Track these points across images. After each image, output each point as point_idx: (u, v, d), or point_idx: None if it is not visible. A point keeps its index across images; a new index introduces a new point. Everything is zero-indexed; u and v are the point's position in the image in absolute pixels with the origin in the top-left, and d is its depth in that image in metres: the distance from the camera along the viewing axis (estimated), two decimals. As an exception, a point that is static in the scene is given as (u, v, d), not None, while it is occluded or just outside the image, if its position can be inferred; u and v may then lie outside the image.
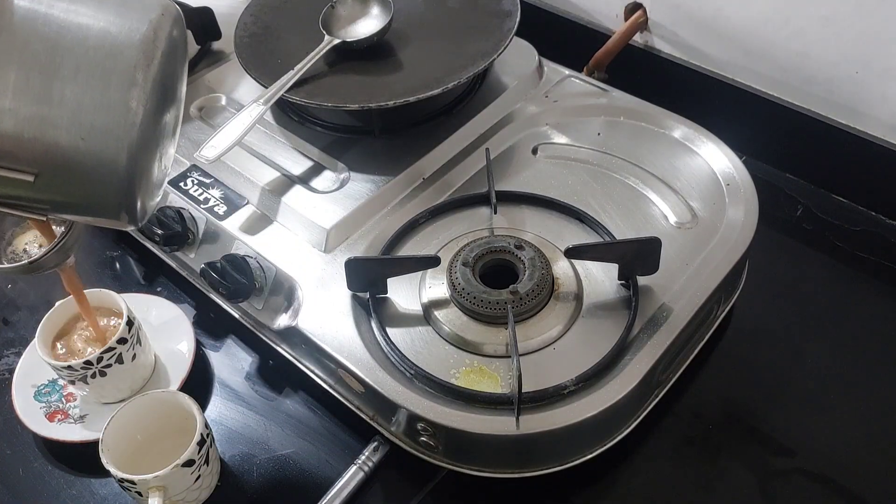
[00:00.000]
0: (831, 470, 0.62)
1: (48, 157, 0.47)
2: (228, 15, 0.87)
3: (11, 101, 0.46)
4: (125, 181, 0.49)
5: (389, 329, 0.63)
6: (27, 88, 0.46)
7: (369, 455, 0.62)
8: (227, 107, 0.84)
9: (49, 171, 0.47)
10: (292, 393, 0.70)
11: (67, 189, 0.49)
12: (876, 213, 0.80)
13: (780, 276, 0.75)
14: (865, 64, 0.77)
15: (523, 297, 0.62)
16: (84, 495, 0.64)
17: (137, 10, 0.50)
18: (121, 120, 0.47)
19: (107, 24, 0.48)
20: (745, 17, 0.83)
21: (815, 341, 0.70)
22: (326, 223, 0.69)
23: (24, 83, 0.46)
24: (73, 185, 0.49)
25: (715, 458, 0.63)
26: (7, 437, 0.68)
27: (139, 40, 0.48)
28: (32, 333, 0.66)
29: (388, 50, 0.80)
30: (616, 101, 0.81)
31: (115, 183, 0.48)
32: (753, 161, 0.80)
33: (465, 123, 0.78)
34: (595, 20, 0.96)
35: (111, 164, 0.48)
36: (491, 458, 0.60)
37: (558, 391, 0.58)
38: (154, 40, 0.49)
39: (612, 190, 0.73)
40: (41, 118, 0.46)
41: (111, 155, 0.47)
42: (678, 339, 0.62)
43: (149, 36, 0.49)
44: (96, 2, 0.50)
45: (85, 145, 0.47)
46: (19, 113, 0.46)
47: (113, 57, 0.48)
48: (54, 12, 0.48)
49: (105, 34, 0.48)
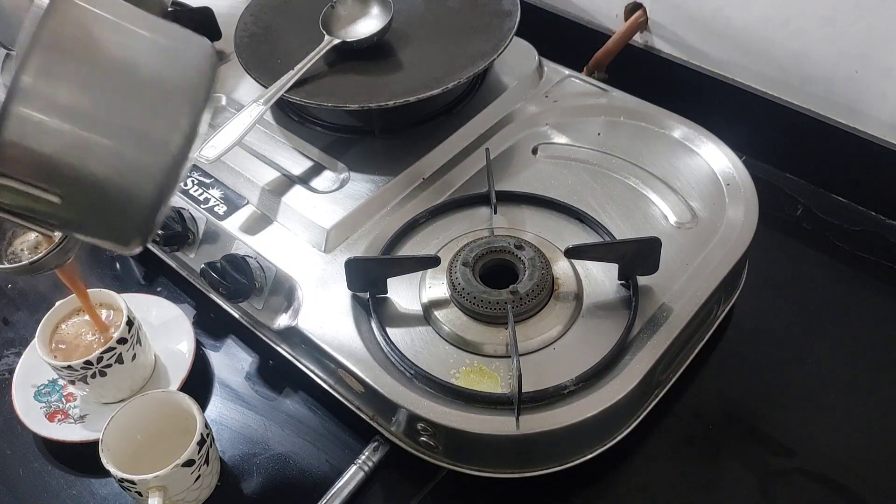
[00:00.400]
0: (831, 470, 0.62)
1: (80, 184, 0.47)
2: (228, 15, 0.87)
3: (58, 126, 0.46)
4: (147, 216, 0.49)
5: (389, 329, 0.63)
6: (76, 117, 0.46)
7: (369, 455, 0.62)
8: (227, 107, 0.84)
9: (77, 196, 0.47)
10: (292, 393, 0.70)
11: (89, 216, 0.49)
12: (876, 213, 0.80)
13: (780, 276, 0.75)
14: (865, 64, 0.77)
15: (523, 297, 0.62)
16: (84, 495, 0.64)
17: (190, 56, 0.51)
18: (158, 160, 0.48)
19: (162, 67, 0.49)
20: (745, 17, 0.83)
21: (815, 341, 0.70)
22: (326, 223, 0.69)
23: (74, 111, 0.46)
24: (97, 213, 0.49)
25: (715, 458, 0.63)
26: (7, 437, 0.68)
27: (188, 86, 0.49)
28: (32, 333, 0.66)
29: (388, 50, 0.80)
30: (616, 101, 0.81)
31: (137, 217, 0.49)
32: (753, 161, 0.80)
33: (465, 123, 0.78)
34: (595, 20, 0.96)
35: (139, 200, 0.48)
36: (491, 458, 0.60)
37: (558, 391, 0.58)
38: (200, 87, 0.50)
39: (612, 190, 0.73)
40: (84, 146, 0.47)
41: (141, 191, 0.48)
42: (678, 339, 0.62)
43: (196, 83, 0.50)
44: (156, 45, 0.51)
45: (120, 179, 0.47)
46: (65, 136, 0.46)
47: (163, 100, 0.49)
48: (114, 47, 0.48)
49: (159, 77, 0.49)
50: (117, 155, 0.47)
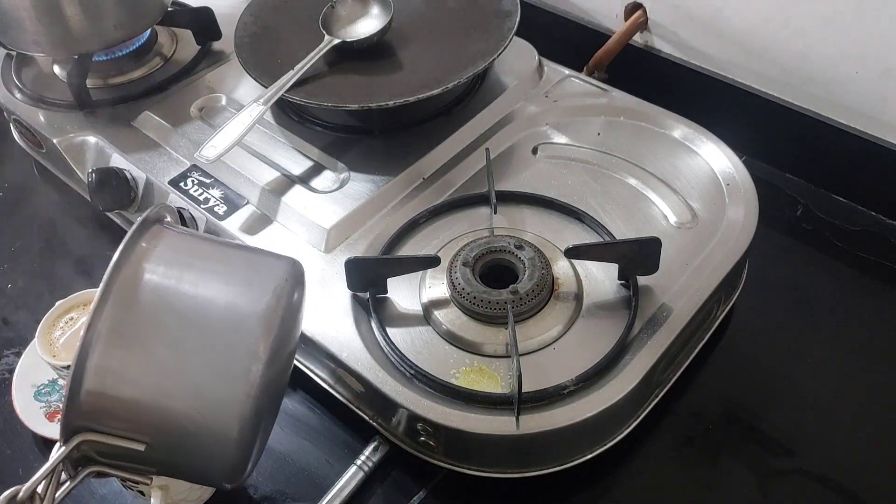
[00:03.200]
0: (831, 470, 0.62)
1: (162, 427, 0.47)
2: (228, 15, 0.87)
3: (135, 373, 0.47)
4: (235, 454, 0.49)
5: (389, 329, 0.63)
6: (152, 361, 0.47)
7: (369, 455, 0.62)
8: (227, 107, 0.84)
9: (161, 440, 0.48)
10: (292, 393, 0.69)
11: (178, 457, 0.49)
12: (876, 213, 0.80)
13: (780, 276, 0.75)
14: (865, 64, 0.77)
15: (523, 297, 0.62)
16: (84, 495, 0.64)
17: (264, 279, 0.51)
18: (238, 392, 0.47)
19: (233, 296, 0.49)
20: (746, 17, 0.83)
21: (815, 341, 0.70)
22: (326, 223, 0.69)
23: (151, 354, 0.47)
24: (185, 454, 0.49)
25: (715, 458, 0.63)
26: (7, 437, 0.68)
27: (262, 311, 0.49)
28: (32, 333, 0.66)
29: (388, 50, 0.80)
30: (616, 101, 0.81)
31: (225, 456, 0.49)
32: (753, 161, 0.80)
33: (465, 123, 0.78)
34: (595, 20, 0.96)
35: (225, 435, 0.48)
36: (491, 458, 0.60)
37: (558, 391, 0.58)
38: (276, 308, 0.50)
39: (612, 190, 0.73)
40: (161, 389, 0.47)
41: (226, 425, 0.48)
42: (678, 339, 0.62)
43: (272, 305, 0.49)
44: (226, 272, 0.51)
45: (200, 417, 0.47)
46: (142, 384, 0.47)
47: (236, 330, 0.48)
48: (183, 286, 0.49)
49: (231, 306, 0.49)
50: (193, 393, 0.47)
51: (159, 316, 0.48)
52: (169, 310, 0.48)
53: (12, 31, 0.81)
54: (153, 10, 0.85)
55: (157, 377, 0.47)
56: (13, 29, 0.81)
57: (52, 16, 0.79)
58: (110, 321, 0.47)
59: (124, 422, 0.47)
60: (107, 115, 0.84)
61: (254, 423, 0.49)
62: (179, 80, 0.87)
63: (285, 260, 0.54)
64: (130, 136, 0.81)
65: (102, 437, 0.47)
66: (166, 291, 0.49)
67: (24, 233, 0.85)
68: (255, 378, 0.48)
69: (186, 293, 0.49)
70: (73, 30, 0.80)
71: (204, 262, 0.52)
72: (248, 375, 0.47)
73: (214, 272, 0.51)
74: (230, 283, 0.50)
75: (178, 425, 0.47)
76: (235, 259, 0.53)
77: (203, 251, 0.53)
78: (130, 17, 0.83)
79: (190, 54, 0.90)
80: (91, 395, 0.46)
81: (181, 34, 0.94)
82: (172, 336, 0.48)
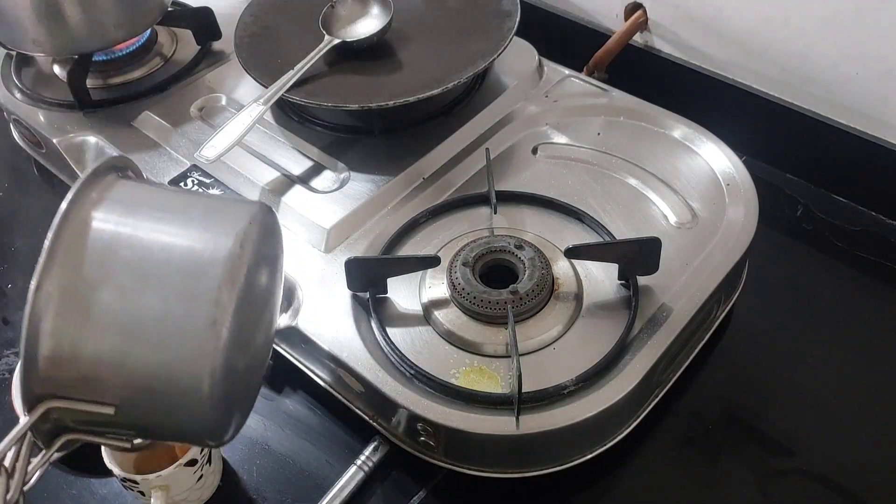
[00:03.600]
0: (831, 470, 0.62)
1: (128, 387, 0.45)
2: (228, 15, 0.87)
3: (93, 333, 0.44)
4: (210, 410, 0.46)
5: (389, 329, 0.63)
6: (110, 317, 0.44)
7: (369, 455, 0.62)
8: (227, 107, 0.84)
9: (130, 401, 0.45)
10: (292, 393, 0.69)
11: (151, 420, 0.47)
12: (876, 213, 0.80)
13: (780, 276, 0.75)
14: (865, 64, 0.77)
15: (523, 297, 0.62)
16: (84, 495, 0.64)
17: (224, 223, 0.47)
18: (204, 345, 0.44)
19: (192, 243, 0.46)
20: (746, 17, 0.83)
21: (815, 341, 0.70)
22: (326, 223, 0.69)
23: (107, 311, 0.44)
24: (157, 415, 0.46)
25: (715, 458, 0.63)
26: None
27: (225, 257, 0.46)
28: (32, 333, 0.66)
29: (388, 50, 0.80)
30: (616, 101, 0.81)
31: (199, 413, 0.46)
32: (753, 161, 0.80)
33: (465, 123, 0.78)
34: (595, 20, 0.96)
35: (194, 394, 0.45)
36: (491, 458, 0.60)
37: (558, 391, 0.58)
38: (240, 254, 0.46)
39: (612, 190, 0.73)
40: (122, 348, 0.44)
41: (193, 384, 0.45)
42: (678, 339, 0.62)
43: (234, 251, 0.46)
44: (183, 218, 0.48)
45: (166, 374, 0.44)
46: (101, 344, 0.44)
47: (197, 279, 0.45)
48: (139, 234, 0.46)
49: (189, 253, 0.46)
50: (156, 348, 0.44)
51: (113, 270, 0.45)
52: (123, 263, 0.45)
53: (12, 31, 0.81)
54: (153, 10, 0.85)
55: (116, 336, 0.44)
56: (13, 29, 0.81)
57: (52, 16, 0.79)
58: (60, 280, 0.44)
59: (88, 385, 0.44)
60: (107, 115, 0.84)
61: (227, 377, 0.46)
62: (179, 80, 0.87)
63: (251, 203, 0.50)
64: (130, 136, 0.81)
65: (68, 404, 0.45)
66: (119, 244, 0.45)
67: (24, 233, 0.85)
68: (222, 329, 0.44)
69: (141, 244, 0.46)
70: (73, 30, 0.80)
71: (161, 212, 0.48)
72: (213, 327, 0.44)
73: (172, 221, 0.47)
74: (189, 230, 0.47)
75: (145, 384, 0.44)
76: (196, 206, 0.50)
77: (160, 200, 0.50)
78: (130, 17, 0.83)
79: (190, 54, 0.90)
80: (48, 360, 0.44)
81: (181, 34, 0.94)
82: (128, 290, 0.44)
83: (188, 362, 0.44)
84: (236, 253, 0.46)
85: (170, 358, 0.44)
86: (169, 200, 0.50)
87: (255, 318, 0.50)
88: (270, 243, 0.51)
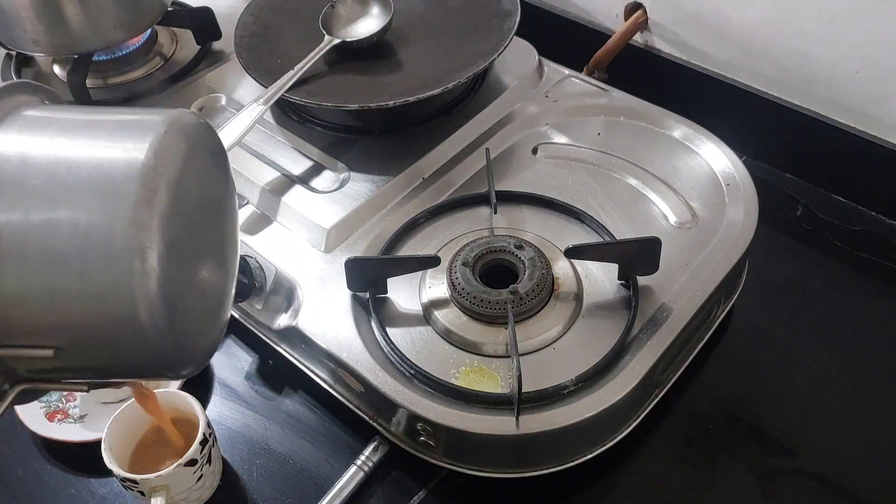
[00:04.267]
0: (831, 470, 0.62)
1: (62, 326, 0.42)
2: (228, 15, 0.87)
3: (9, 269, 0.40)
4: (156, 341, 0.42)
5: (389, 329, 0.63)
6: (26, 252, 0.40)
7: (369, 455, 0.62)
8: (227, 107, 0.84)
9: (69, 342, 0.42)
10: (292, 393, 0.70)
11: (100, 359, 0.44)
12: (876, 213, 0.80)
13: (780, 276, 0.75)
14: (866, 64, 0.77)
15: (523, 297, 0.62)
16: (83, 495, 0.64)
17: (136, 135, 0.43)
18: (132, 269, 0.40)
19: (100, 160, 0.42)
20: (746, 17, 0.83)
21: (815, 341, 0.70)
22: (326, 223, 0.69)
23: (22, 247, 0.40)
24: (104, 354, 0.43)
25: (715, 458, 0.63)
26: (7, 437, 0.68)
27: (138, 172, 0.41)
28: (32, 333, 0.66)
29: (388, 50, 0.80)
30: (616, 101, 0.81)
31: (147, 345, 0.42)
32: (753, 161, 0.80)
33: (465, 123, 0.78)
34: (595, 20, 0.96)
35: (133, 324, 0.41)
36: (491, 458, 0.60)
37: (558, 391, 0.58)
38: (155, 167, 0.41)
39: (612, 190, 0.73)
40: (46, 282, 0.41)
41: (129, 313, 0.41)
42: (678, 339, 0.62)
43: (149, 164, 0.41)
44: (90, 136, 0.43)
45: (99, 306, 0.41)
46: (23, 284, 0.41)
47: (110, 199, 0.41)
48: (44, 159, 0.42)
49: (99, 172, 0.41)
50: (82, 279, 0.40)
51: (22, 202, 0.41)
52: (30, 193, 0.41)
53: (12, 30, 0.81)
54: (153, 10, 0.85)
55: (38, 272, 0.40)
56: (13, 29, 0.81)
57: (52, 16, 0.79)
58: None
59: (21, 329, 0.42)
60: (107, 115, 0.84)
61: (169, 302, 0.42)
62: (179, 80, 0.87)
63: (169, 111, 0.45)
64: (130, 136, 0.81)
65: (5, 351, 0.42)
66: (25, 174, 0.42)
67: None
68: (147, 251, 0.40)
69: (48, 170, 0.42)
70: (73, 30, 0.80)
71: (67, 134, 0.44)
72: (138, 249, 0.40)
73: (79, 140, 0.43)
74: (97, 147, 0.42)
75: (79, 320, 0.41)
76: (106, 122, 0.45)
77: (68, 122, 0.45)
78: (130, 17, 0.83)
79: (190, 54, 0.90)
80: None
81: (181, 34, 0.94)
82: (41, 222, 0.41)
83: (118, 290, 0.40)
84: (151, 165, 0.41)
85: (98, 288, 0.40)
86: (77, 121, 0.45)
87: (198, 237, 0.46)
88: (203, 154, 0.46)
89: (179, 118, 0.45)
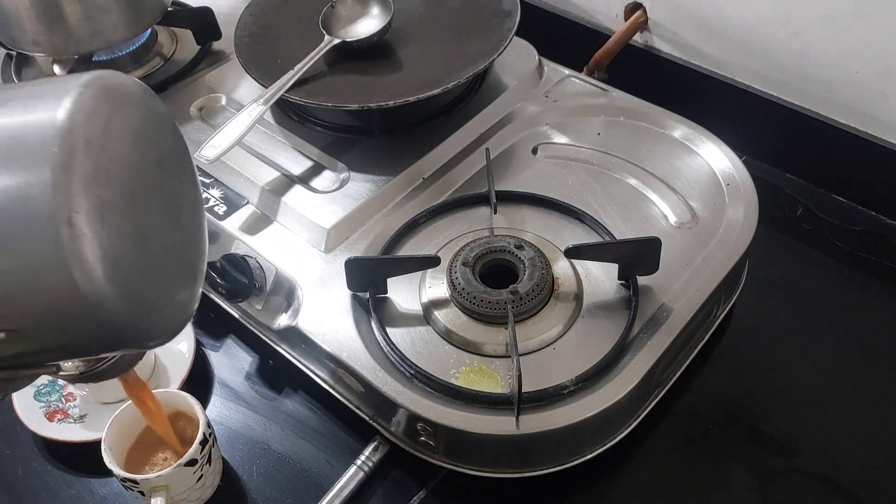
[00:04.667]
0: (831, 470, 0.62)
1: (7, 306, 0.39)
2: (228, 15, 0.87)
3: None
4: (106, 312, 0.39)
5: (389, 329, 0.63)
6: None
7: (369, 455, 0.62)
8: (227, 107, 0.84)
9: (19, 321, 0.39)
10: (292, 393, 0.70)
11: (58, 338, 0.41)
12: (876, 213, 0.80)
13: (780, 276, 0.76)
14: (865, 64, 0.77)
15: (523, 297, 0.62)
16: (83, 495, 0.64)
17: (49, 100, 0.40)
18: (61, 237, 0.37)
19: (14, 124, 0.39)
20: (745, 17, 0.83)
21: (815, 341, 0.70)
22: (326, 223, 0.69)
23: None
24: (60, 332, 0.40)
25: (715, 458, 0.63)
26: (7, 437, 0.68)
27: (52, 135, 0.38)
28: (32, 333, 0.66)
29: (388, 50, 0.80)
30: (616, 101, 0.81)
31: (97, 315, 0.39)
32: (753, 161, 0.80)
33: (465, 123, 0.78)
34: (595, 20, 0.96)
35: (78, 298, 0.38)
36: (491, 458, 0.60)
37: (558, 391, 0.58)
38: (72, 128, 0.39)
39: (612, 190, 0.73)
40: None
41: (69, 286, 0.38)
42: (678, 338, 0.62)
43: (63, 125, 0.39)
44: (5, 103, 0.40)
45: (37, 278, 0.38)
46: None
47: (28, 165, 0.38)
48: None
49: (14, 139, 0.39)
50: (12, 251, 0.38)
51: None
52: None
53: (12, 31, 0.81)
54: (153, 10, 0.85)
55: None
56: (13, 29, 0.81)
57: (52, 16, 0.79)
58: None
59: None
60: (107, 115, 0.84)
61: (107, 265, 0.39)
62: (179, 80, 0.87)
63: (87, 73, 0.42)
64: (130, 136, 0.81)
65: None
66: None
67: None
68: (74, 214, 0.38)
69: None
70: (73, 30, 0.80)
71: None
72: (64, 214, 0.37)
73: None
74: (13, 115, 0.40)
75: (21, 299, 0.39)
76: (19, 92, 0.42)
77: None
78: (130, 17, 0.83)
79: (190, 54, 0.90)
80: None
81: (181, 34, 0.94)
82: None
83: (51, 258, 0.38)
84: (66, 127, 0.39)
85: (32, 260, 0.38)
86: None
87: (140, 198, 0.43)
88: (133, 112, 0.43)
89: (98, 78, 0.42)
